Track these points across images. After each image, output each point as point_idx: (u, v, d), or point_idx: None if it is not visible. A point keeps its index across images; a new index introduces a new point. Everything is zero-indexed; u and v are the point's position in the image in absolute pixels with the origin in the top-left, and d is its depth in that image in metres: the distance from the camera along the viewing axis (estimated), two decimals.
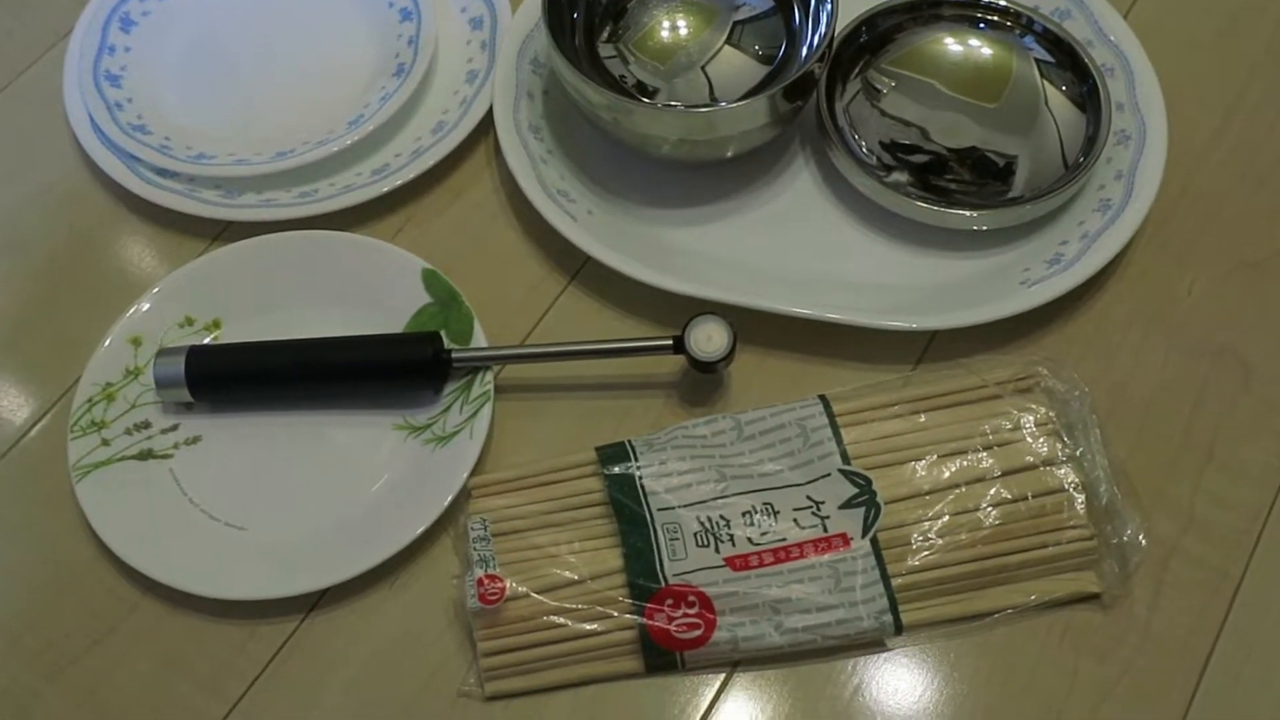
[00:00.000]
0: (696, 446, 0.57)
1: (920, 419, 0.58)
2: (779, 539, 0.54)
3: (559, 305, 0.65)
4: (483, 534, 0.55)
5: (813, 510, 0.55)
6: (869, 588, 0.53)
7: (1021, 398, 0.59)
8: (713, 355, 0.58)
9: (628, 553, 0.54)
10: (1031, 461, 0.56)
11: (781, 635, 0.53)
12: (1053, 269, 0.62)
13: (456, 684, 0.54)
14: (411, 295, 0.63)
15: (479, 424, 0.58)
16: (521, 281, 0.66)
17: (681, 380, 0.62)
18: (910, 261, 0.65)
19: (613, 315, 0.64)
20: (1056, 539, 0.55)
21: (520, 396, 0.62)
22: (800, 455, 0.57)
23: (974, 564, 0.54)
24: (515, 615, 0.53)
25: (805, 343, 0.62)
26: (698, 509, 0.55)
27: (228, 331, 0.63)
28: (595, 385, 0.62)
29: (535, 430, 0.61)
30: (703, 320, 0.59)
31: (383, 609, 0.56)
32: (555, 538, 0.56)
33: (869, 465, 0.56)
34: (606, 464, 0.57)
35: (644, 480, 0.56)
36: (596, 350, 0.60)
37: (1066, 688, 0.53)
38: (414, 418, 0.60)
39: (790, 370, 0.62)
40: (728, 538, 0.55)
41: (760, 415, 0.58)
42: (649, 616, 0.53)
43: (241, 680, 0.55)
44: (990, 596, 0.54)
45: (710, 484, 0.56)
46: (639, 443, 0.58)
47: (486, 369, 0.60)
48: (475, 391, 0.60)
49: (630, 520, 0.55)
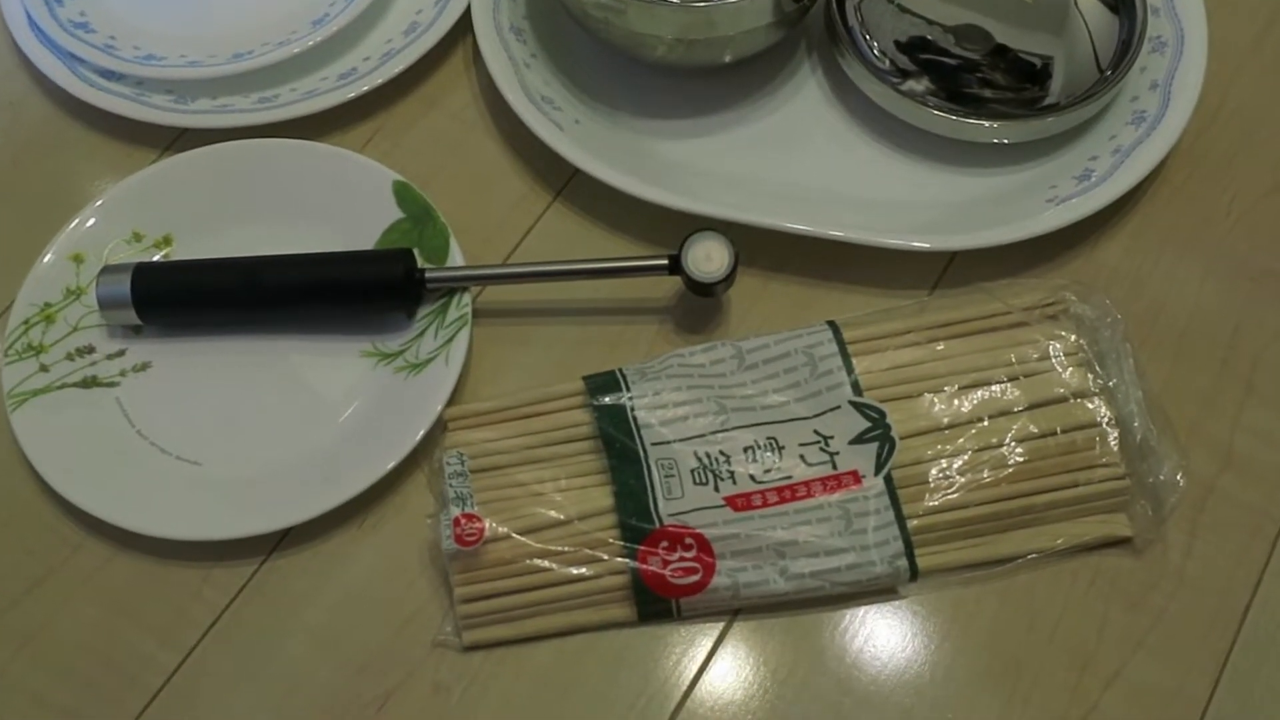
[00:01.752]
0: (694, 376, 0.53)
1: (938, 347, 0.54)
2: (784, 477, 0.50)
3: (543, 223, 0.60)
4: (459, 469, 0.50)
5: (821, 445, 0.51)
6: (882, 530, 0.49)
7: (1049, 324, 0.54)
8: (712, 276, 0.53)
9: (619, 491, 0.50)
10: (1061, 393, 0.52)
11: (786, 581, 0.48)
12: (1081, 185, 0.58)
13: (432, 632, 0.50)
14: (381, 210, 0.58)
15: (455, 350, 0.54)
16: (503, 198, 0.61)
17: (677, 305, 0.57)
18: (927, 178, 0.60)
19: (602, 234, 0.60)
20: (1087, 478, 0.51)
21: (501, 322, 0.57)
22: (807, 386, 0.52)
23: (997, 505, 0.50)
24: (495, 558, 0.49)
25: (812, 265, 0.58)
26: (695, 443, 0.51)
27: (179, 248, 0.58)
28: (583, 310, 0.57)
29: (517, 358, 0.56)
30: (701, 237, 0.54)
31: (350, 551, 0.52)
32: (539, 474, 0.51)
33: (882, 397, 0.52)
34: (595, 394, 0.52)
35: (636, 412, 0.51)
36: (585, 270, 0.55)
37: (1095, 638, 0.49)
38: (384, 343, 0.55)
39: (796, 295, 0.58)
40: (728, 475, 0.50)
41: (764, 342, 0.53)
42: (642, 560, 0.49)
43: (195, 628, 0.50)
44: (1013, 540, 0.50)
45: (709, 417, 0.51)
46: (631, 371, 0.53)
47: (464, 291, 0.55)
48: (451, 315, 0.55)
49: (621, 455, 0.51)
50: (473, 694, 0.49)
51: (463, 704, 0.48)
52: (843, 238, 0.56)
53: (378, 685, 0.49)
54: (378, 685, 0.49)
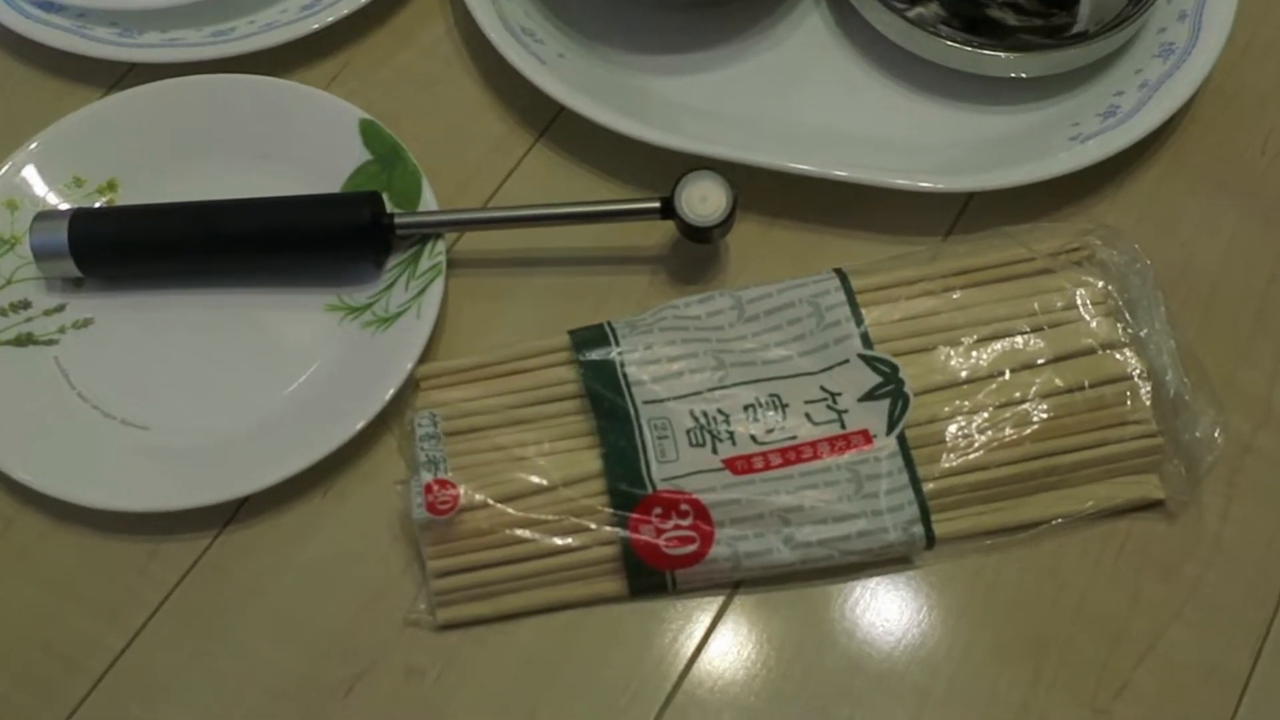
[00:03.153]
0: (689, 329, 0.48)
1: (955, 296, 0.49)
2: (788, 437, 0.46)
3: (525, 166, 0.56)
4: (432, 431, 0.46)
5: (828, 403, 0.47)
6: (895, 494, 0.45)
7: (1075, 271, 0.50)
8: (708, 219, 0.49)
9: (608, 454, 0.45)
10: (1088, 345, 0.48)
11: (792, 550, 0.44)
12: (1106, 123, 0.54)
13: (403, 611, 0.46)
14: (347, 152, 0.53)
15: (428, 302, 0.49)
16: (481, 139, 0.56)
17: (671, 252, 0.53)
18: (940, 115, 0.56)
19: (589, 178, 0.55)
20: (1118, 435, 0.47)
21: (479, 272, 0.53)
22: (813, 338, 0.48)
23: (1019, 465, 0.46)
24: (472, 528, 0.45)
25: (816, 209, 0.54)
26: (691, 401, 0.46)
27: (125, 194, 0.53)
28: (569, 258, 0.53)
29: (496, 311, 0.52)
30: (697, 177, 0.49)
31: (313, 522, 0.48)
32: (520, 437, 0.47)
33: (895, 350, 0.48)
34: (582, 349, 0.48)
35: (626, 368, 0.47)
36: (570, 214, 0.51)
37: (1126, 610, 0.45)
38: (350, 296, 0.51)
39: (799, 242, 0.53)
40: (727, 435, 0.46)
41: (765, 292, 0.49)
42: (633, 529, 0.44)
43: (143, 608, 0.46)
44: (1037, 504, 0.46)
45: (706, 372, 0.47)
46: (621, 324, 0.49)
47: (437, 238, 0.51)
48: (424, 264, 0.50)
49: (610, 415, 0.46)
50: (449, 677, 0.44)
51: (438, 688, 0.44)
52: (848, 178, 0.52)
53: (344, 669, 0.45)
54: (344, 669, 0.45)
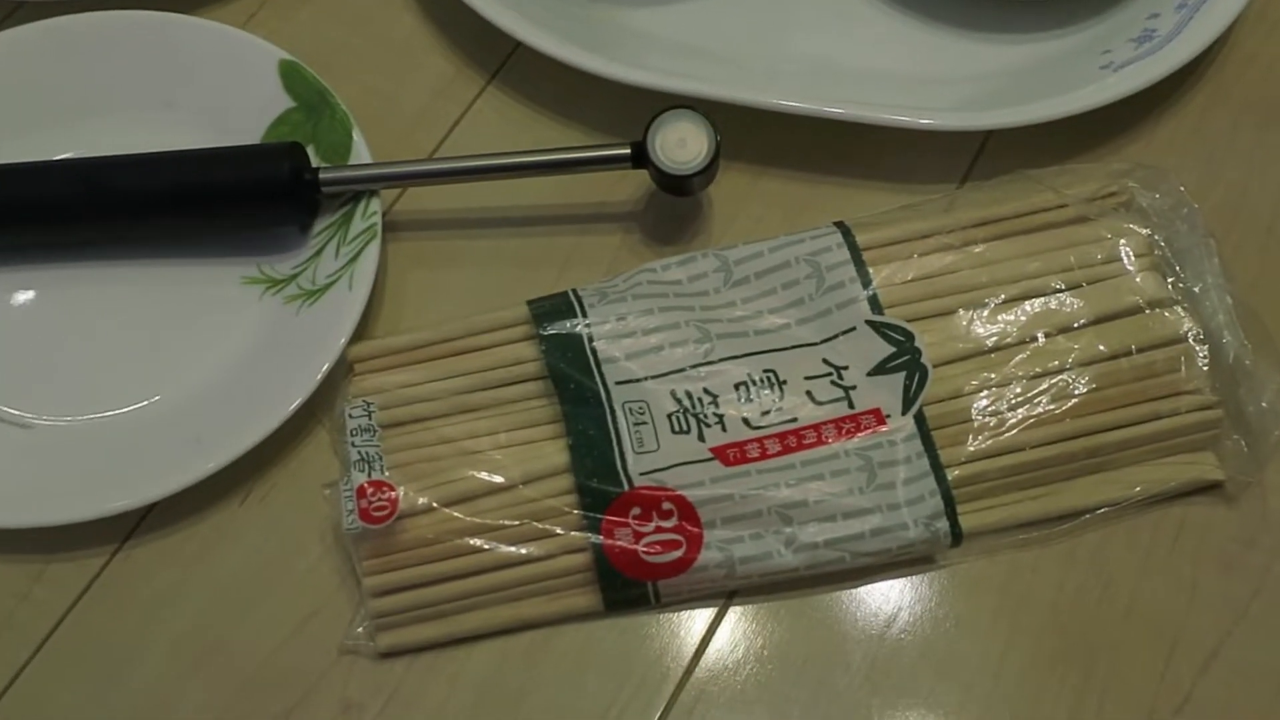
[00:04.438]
0: (669, 295, 0.41)
1: (977, 250, 0.43)
2: (787, 419, 0.39)
3: (475, 112, 0.49)
4: (366, 423, 0.39)
5: (833, 378, 0.40)
6: (915, 483, 0.38)
7: (1114, 217, 0.43)
8: (687, 166, 0.42)
9: (575, 445, 0.39)
10: (1134, 303, 0.41)
11: (795, 554, 0.38)
12: (1141, 50, 0.47)
13: (338, 636, 0.39)
14: (266, 99, 0.46)
15: (361, 271, 0.42)
16: (424, 81, 0.49)
17: (646, 207, 0.46)
18: (952, 44, 0.49)
19: (550, 124, 0.49)
20: (1171, 408, 0.40)
21: (423, 235, 0.46)
22: (813, 304, 0.41)
23: (1058, 446, 0.40)
24: (415, 537, 0.38)
25: (811, 155, 0.47)
26: (673, 381, 0.40)
27: (6, 150, 0.46)
28: (526, 217, 0.46)
29: (443, 280, 0.45)
30: (673, 118, 0.42)
31: (231, 533, 0.41)
32: (471, 427, 0.40)
33: (909, 314, 0.41)
34: (543, 322, 0.41)
35: (596, 342, 0.40)
36: (528, 165, 0.44)
37: (1183, 608, 0.39)
38: (272, 266, 0.44)
39: (793, 193, 0.47)
40: (715, 420, 0.39)
41: (756, 251, 0.42)
42: (607, 533, 0.38)
43: (26, 640, 0.40)
44: (1079, 490, 0.40)
45: (689, 346, 0.40)
46: (588, 292, 0.42)
47: (372, 195, 0.44)
48: (356, 227, 0.43)
49: (577, 399, 0.39)
50: (393, 713, 0.38)
51: None
52: (847, 116, 0.45)
53: (269, 705, 0.38)
54: (269, 705, 0.38)
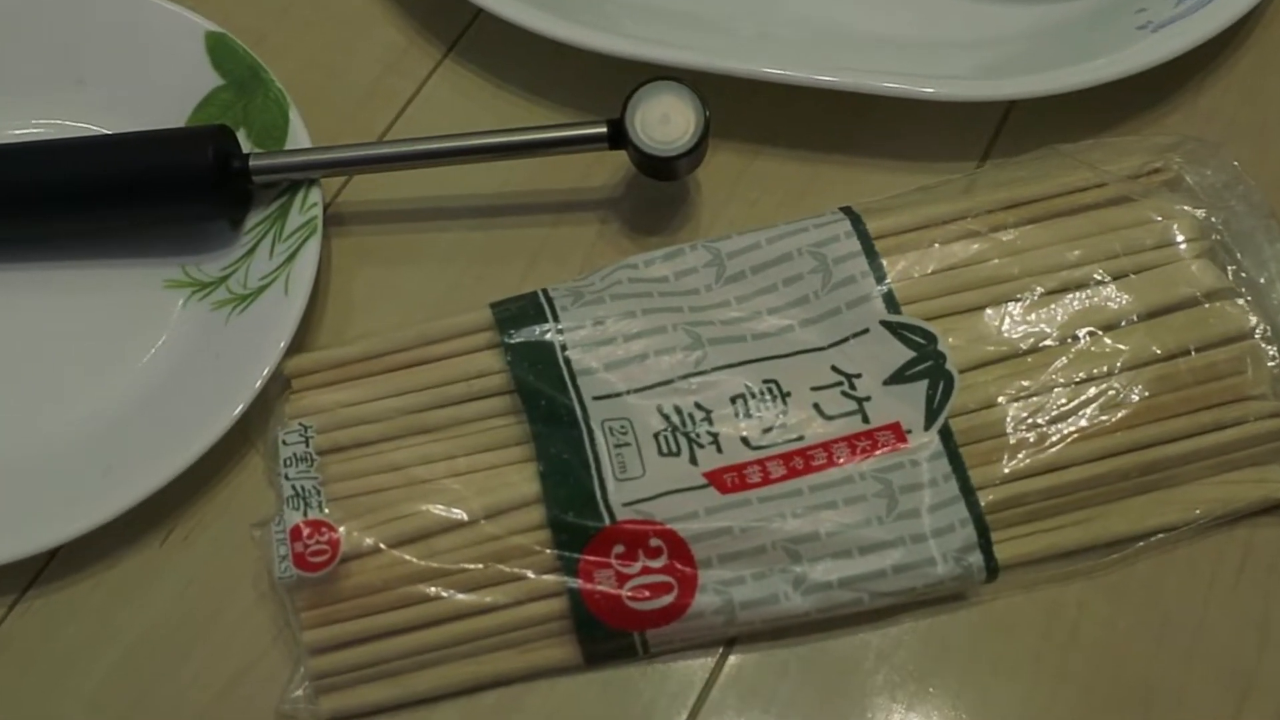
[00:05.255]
0: (653, 295, 0.36)
1: (1005, 237, 0.37)
2: (793, 438, 0.34)
3: (431, 88, 0.43)
4: (302, 451, 0.33)
5: (844, 388, 0.35)
6: (942, 510, 0.33)
7: (1162, 197, 0.37)
8: (671, 146, 0.36)
9: (547, 471, 0.33)
10: (1190, 294, 0.36)
11: (804, 595, 0.32)
12: (1181, 6, 0.42)
13: (274, 698, 0.33)
14: (192, 76, 0.40)
15: (299, 272, 0.36)
16: (373, 54, 0.44)
17: (626, 193, 0.41)
18: (967, 5, 0.44)
19: (515, 100, 0.43)
20: (1236, 415, 0.35)
21: (371, 228, 0.40)
22: (819, 302, 0.36)
23: (1106, 463, 0.35)
24: (361, 584, 0.32)
25: (813, 131, 0.42)
26: (659, 394, 0.34)
27: None
28: (490, 206, 0.41)
29: (395, 280, 0.39)
30: (655, 91, 0.37)
31: (149, 579, 0.36)
32: (426, 451, 0.34)
33: (930, 313, 0.36)
34: (508, 328, 0.35)
35: (569, 351, 0.35)
36: (491, 147, 0.38)
37: (1254, 648, 0.34)
38: (199, 267, 0.39)
39: (792, 174, 0.41)
40: (709, 440, 0.34)
41: (752, 242, 0.37)
42: (586, 576, 0.32)
43: None
44: (1131, 513, 0.35)
45: (677, 354, 0.35)
46: (560, 293, 0.36)
47: (311, 184, 0.38)
48: (293, 221, 0.38)
49: (549, 418, 0.34)
50: None
51: None
52: (852, 86, 0.39)
53: None
54: None
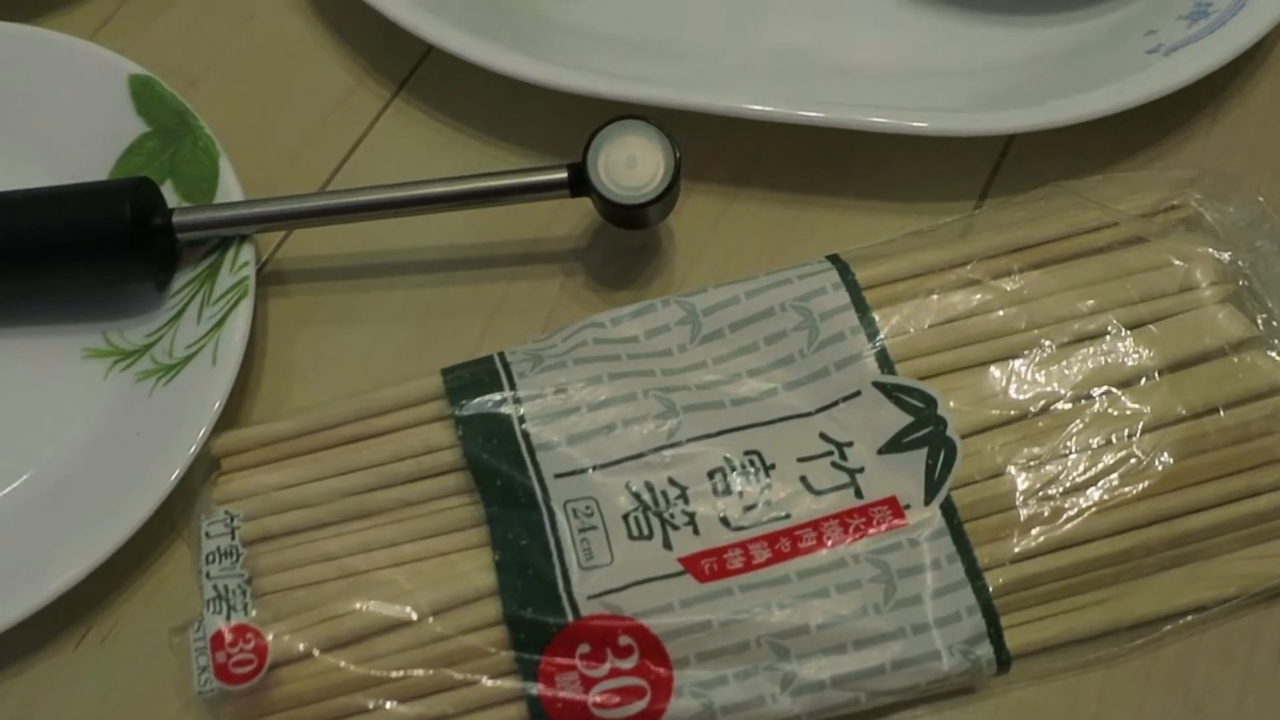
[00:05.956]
0: (621, 358, 0.33)
1: (1009, 285, 0.34)
2: (778, 516, 0.30)
3: (380, 131, 0.40)
4: (227, 544, 0.30)
5: (834, 458, 0.31)
6: (947, 596, 0.30)
7: (1180, 238, 0.34)
8: (639, 192, 0.33)
9: (503, 560, 0.30)
10: (1215, 346, 0.33)
11: (794, 697, 0.29)
12: (1195, 27, 0.39)
13: None
14: (115, 123, 0.37)
15: (228, 340, 0.33)
16: (316, 94, 0.41)
17: (592, 242, 0.37)
18: (960, 29, 0.41)
19: (471, 142, 0.40)
20: (1269, 481, 0.32)
21: (313, 286, 0.37)
22: (805, 362, 0.32)
23: (1129, 537, 0.31)
24: (292, 694, 0.29)
25: (796, 170, 0.39)
26: (629, 470, 0.31)
27: None
28: (443, 260, 0.38)
29: (339, 343, 0.36)
30: (620, 131, 0.34)
31: (66, 686, 0.32)
32: (366, 538, 0.31)
33: (928, 371, 0.33)
34: (460, 398, 0.32)
35: (528, 424, 0.31)
36: (439, 197, 0.35)
37: None
38: (121, 334, 0.35)
39: (774, 218, 0.38)
40: (685, 520, 0.30)
41: (731, 295, 0.33)
42: (547, 680, 0.29)
43: None
44: (1157, 591, 0.31)
45: (649, 423, 0.31)
46: (519, 357, 0.33)
47: (243, 241, 0.35)
48: (223, 283, 0.34)
49: (506, 499, 0.30)
50: None
51: None
52: (836, 122, 0.36)
53: None
54: None
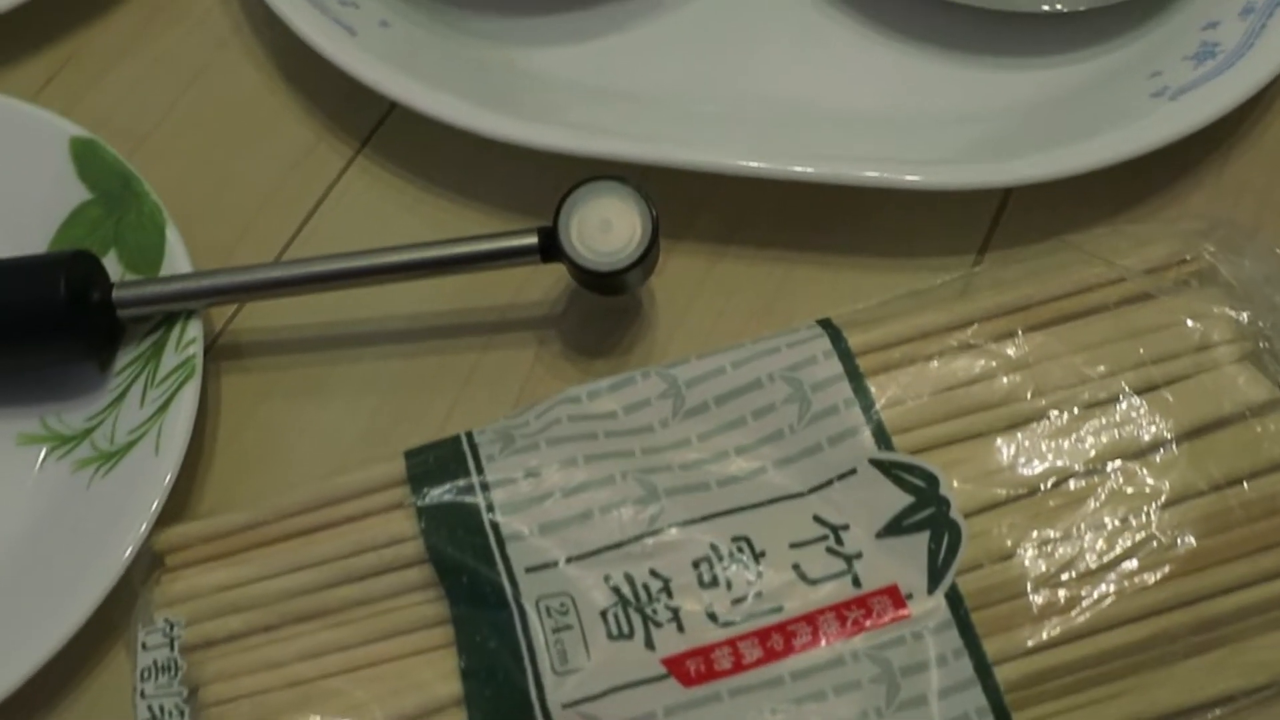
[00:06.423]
0: (598, 436, 0.30)
1: (1011, 350, 0.32)
2: (770, 609, 0.28)
3: (342, 191, 0.38)
4: (165, 656, 0.27)
5: (829, 543, 0.29)
6: (955, 695, 0.27)
7: (1191, 294, 0.32)
8: (614, 258, 0.31)
9: (469, 666, 0.27)
10: (1236, 411, 0.30)
11: None
12: (1201, 69, 0.37)
13: None
14: (56, 190, 0.35)
15: (172, 425, 0.31)
16: (273, 154, 0.39)
17: (567, 308, 0.35)
18: (953, 75, 0.39)
19: (440, 201, 0.38)
20: None
21: (269, 361, 0.35)
22: (796, 438, 0.30)
23: (1150, 623, 0.29)
24: None
25: (784, 226, 0.36)
26: (607, 562, 0.29)
27: None
28: (409, 330, 0.35)
29: (296, 424, 0.34)
30: (592, 193, 0.31)
31: None
32: (320, 640, 0.28)
33: (928, 444, 0.30)
34: (423, 485, 0.29)
35: (497, 513, 0.29)
36: (402, 265, 0.33)
37: None
38: (60, 417, 0.33)
39: (761, 277, 0.36)
40: (668, 616, 0.28)
41: (715, 366, 0.31)
42: None
43: None
44: (1182, 681, 0.29)
45: (628, 509, 0.29)
46: (487, 436, 0.30)
47: (190, 317, 0.32)
48: (168, 362, 0.32)
49: (472, 597, 0.28)
50: None
51: None
52: (825, 178, 0.35)
53: None
54: None
